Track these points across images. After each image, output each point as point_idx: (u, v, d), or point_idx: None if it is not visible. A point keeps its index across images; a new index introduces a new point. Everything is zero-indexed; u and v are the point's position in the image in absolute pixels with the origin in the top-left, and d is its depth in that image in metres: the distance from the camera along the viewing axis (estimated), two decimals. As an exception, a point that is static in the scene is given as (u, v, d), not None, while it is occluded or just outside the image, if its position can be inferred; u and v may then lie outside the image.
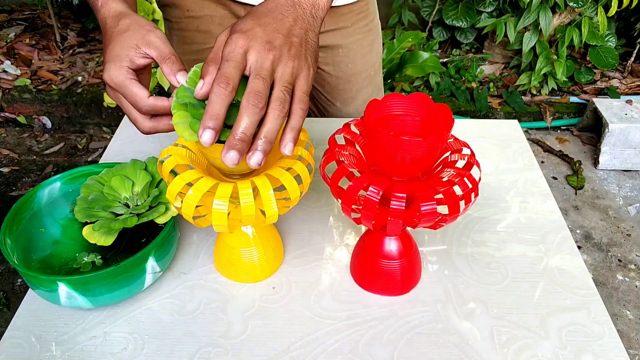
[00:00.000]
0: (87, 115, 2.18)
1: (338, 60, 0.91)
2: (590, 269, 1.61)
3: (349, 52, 0.90)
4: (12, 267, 0.87)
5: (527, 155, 0.83)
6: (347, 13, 0.86)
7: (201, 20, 0.83)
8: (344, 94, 0.95)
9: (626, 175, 1.98)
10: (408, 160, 0.49)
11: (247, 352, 0.55)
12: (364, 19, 0.89)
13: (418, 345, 0.56)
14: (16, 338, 0.57)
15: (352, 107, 0.96)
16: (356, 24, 0.88)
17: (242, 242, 0.60)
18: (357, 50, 0.91)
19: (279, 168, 0.52)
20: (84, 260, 0.62)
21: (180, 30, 0.86)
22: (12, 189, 1.86)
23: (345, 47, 0.89)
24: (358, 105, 0.97)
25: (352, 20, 0.88)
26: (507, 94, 2.22)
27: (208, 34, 0.85)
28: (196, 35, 0.85)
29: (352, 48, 0.90)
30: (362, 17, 0.89)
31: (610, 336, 0.57)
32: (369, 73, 0.95)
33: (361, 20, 0.89)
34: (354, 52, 0.91)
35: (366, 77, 0.95)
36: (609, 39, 2.18)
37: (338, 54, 0.90)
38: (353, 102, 0.96)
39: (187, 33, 0.85)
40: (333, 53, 0.90)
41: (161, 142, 0.84)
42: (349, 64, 0.91)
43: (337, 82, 0.93)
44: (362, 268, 0.61)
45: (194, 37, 0.86)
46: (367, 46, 0.92)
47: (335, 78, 0.93)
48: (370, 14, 0.91)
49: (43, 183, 0.64)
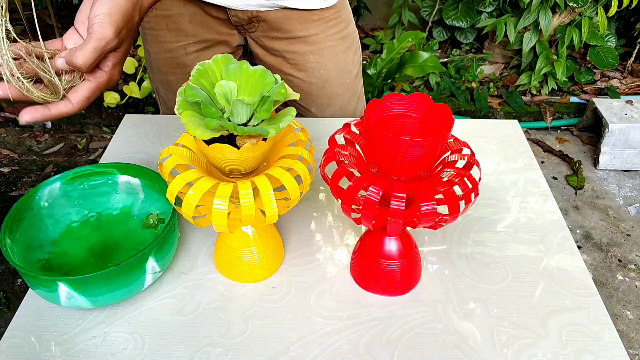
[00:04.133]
0: (87, 115, 2.18)
1: (310, 67, 0.91)
2: (590, 269, 1.61)
3: (320, 58, 0.90)
4: (12, 267, 0.87)
5: (527, 155, 0.83)
6: (317, 20, 0.87)
7: (170, 18, 0.84)
8: (318, 99, 0.94)
9: (626, 175, 1.98)
10: (408, 160, 0.49)
11: (247, 352, 0.55)
12: (336, 26, 0.89)
13: (418, 345, 0.56)
14: (16, 338, 0.57)
15: (328, 113, 0.96)
16: (327, 30, 0.89)
17: (242, 242, 0.60)
18: (330, 57, 0.91)
19: (279, 168, 0.52)
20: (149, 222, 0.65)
21: (151, 30, 0.86)
22: (12, 189, 1.86)
23: (316, 53, 0.89)
24: (334, 112, 0.97)
25: (322, 27, 0.88)
26: (507, 94, 2.22)
27: (179, 32, 0.85)
28: (167, 34, 0.86)
29: (324, 54, 0.90)
30: (334, 24, 0.89)
31: (610, 336, 0.57)
32: (344, 80, 0.95)
33: (332, 27, 0.89)
34: (326, 59, 0.90)
35: (341, 84, 0.94)
36: (609, 39, 2.18)
37: (309, 60, 0.90)
38: (329, 108, 0.96)
39: (158, 32, 0.86)
40: (304, 59, 0.90)
41: (161, 142, 0.84)
42: (321, 70, 0.91)
43: (311, 88, 0.93)
44: (362, 268, 0.61)
45: (165, 36, 0.86)
46: (340, 53, 0.92)
47: (309, 84, 0.92)
48: (342, 22, 0.91)
49: (43, 183, 0.64)
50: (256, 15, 0.84)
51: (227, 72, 0.51)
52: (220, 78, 0.51)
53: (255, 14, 0.84)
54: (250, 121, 0.51)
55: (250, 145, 0.49)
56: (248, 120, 0.50)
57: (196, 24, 0.85)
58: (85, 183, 0.66)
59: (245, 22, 0.86)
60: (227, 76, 0.51)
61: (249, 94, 0.51)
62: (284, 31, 0.87)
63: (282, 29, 0.86)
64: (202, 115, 0.49)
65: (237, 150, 0.49)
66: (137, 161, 0.77)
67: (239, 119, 0.50)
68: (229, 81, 0.51)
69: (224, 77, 0.51)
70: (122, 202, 0.67)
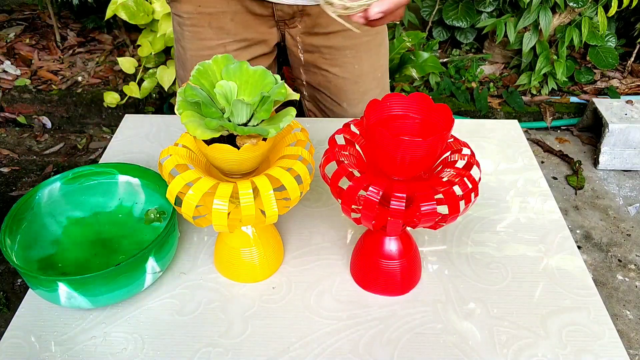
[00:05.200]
0: (87, 115, 2.18)
1: (345, 62, 0.91)
2: (590, 269, 1.60)
3: (356, 53, 0.90)
4: (12, 267, 0.87)
5: (527, 155, 0.83)
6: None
7: (213, 16, 0.84)
8: (350, 94, 0.95)
9: (626, 175, 1.98)
10: (408, 160, 0.49)
11: (247, 352, 0.55)
12: None
13: (418, 345, 0.56)
14: (16, 338, 0.57)
15: (359, 109, 0.97)
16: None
17: (242, 242, 0.60)
18: (365, 52, 0.91)
19: (279, 168, 0.52)
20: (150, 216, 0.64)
21: (193, 26, 0.86)
22: (12, 189, 1.86)
23: (352, 48, 0.90)
24: (365, 107, 0.97)
25: None
26: (507, 94, 2.22)
27: (220, 30, 0.85)
28: (208, 31, 0.85)
29: (360, 49, 0.90)
30: None
31: (610, 336, 0.57)
32: (377, 75, 0.95)
33: None
34: (362, 54, 0.91)
35: (373, 79, 0.95)
36: (609, 39, 2.18)
37: (345, 55, 0.90)
38: (359, 104, 0.96)
39: (199, 29, 0.85)
40: (340, 54, 0.90)
41: (161, 142, 0.84)
42: (356, 65, 0.92)
43: (344, 84, 0.93)
44: (362, 268, 0.61)
45: (206, 33, 0.86)
46: (374, 48, 0.92)
47: (342, 79, 0.93)
48: None
49: (43, 183, 0.64)
50: (301, 9, 0.85)
51: (227, 72, 0.51)
52: (220, 78, 0.51)
53: (300, 8, 0.84)
54: (250, 121, 0.51)
55: (250, 145, 0.49)
56: (248, 120, 0.50)
57: (237, 23, 0.85)
58: (86, 183, 0.66)
59: (288, 17, 0.86)
60: (227, 76, 0.51)
61: (249, 94, 0.51)
62: (324, 25, 0.87)
63: (322, 24, 0.87)
64: (202, 115, 0.49)
65: (237, 150, 0.49)
66: (137, 161, 0.77)
67: (239, 119, 0.50)
68: (229, 81, 0.51)
69: (224, 77, 0.51)
70: (122, 202, 0.67)
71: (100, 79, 2.21)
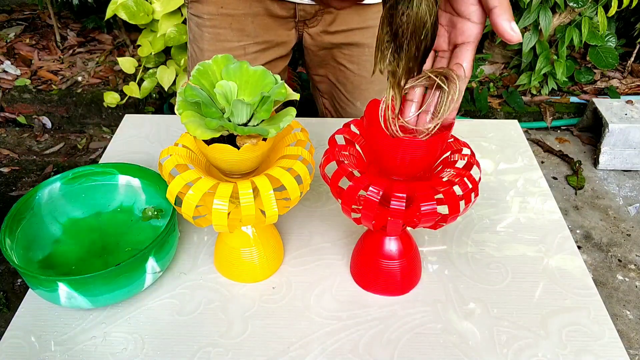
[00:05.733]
0: (87, 115, 2.18)
1: (363, 60, 0.91)
2: (590, 269, 1.60)
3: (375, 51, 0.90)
4: (12, 267, 0.87)
5: (527, 155, 0.83)
6: (377, 12, 0.87)
7: (234, 18, 0.83)
8: (365, 93, 0.95)
9: (626, 175, 1.98)
10: (408, 160, 0.49)
11: (247, 352, 0.55)
12: None
13: (418, 345, 0.56)
14: (16, 338, 0.57)
15: None
16: None
17: (242, 242, 0.60)
18: None
19: (279, 168, 0.52)
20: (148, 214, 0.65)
21: (213, 28, 0.86)
22: (12, 189, 1.86)
23: (371, 46, 0.89)
24: None
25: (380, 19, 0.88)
26: (507, 94, 2.22)
27: (241, 32, 0.85)
28: (229, 33, 0.85)
29: None
30: None
31: (610, 336, 0.57)
32: None
33: None
34: None
35: None
36: (609, 39, 2.17)
37: (364, 52, 0.90)
38: None
39: (219, 30, 0.85)
40: (359, 51, 0.90)
41: (161, 142, 0.84)
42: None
43: (360, 82, 0.93)
44: (362, 268, 0.61)
45: (227, 35, 0.86)
46: None
47: (359, 77, 0.93)
48: None
49: (43, 183, 0.64)
50: (322, 8, 0.85)
51: (227, 72, 0.51)
52: (220, 78, 0.51)
53: (322, 7, 0.84)
54: (250, 121, 0.51)
55: (250, 145, 0.49)
56: (248, 120, 0.50)
57: (257, 25, 0.85)
58: (85, 183, 0.66)
59: (310, 17, 0.86)
60: (227, 76, 0.51)
61: (249, 94, 0.51)
62: (344, 23, 0.87)
63: (343, 22, 0.87)
64: (202, 115, 0.49)
65: (237, 150, 0.49)
66: (137, 161, 0.77)
67: (239, 119, 0.50)
68: (229, 81, 0.51)
69: (224, 77, 0.51)
70: (122, 202, 0.67)
71: (100, 79, 2.21)
